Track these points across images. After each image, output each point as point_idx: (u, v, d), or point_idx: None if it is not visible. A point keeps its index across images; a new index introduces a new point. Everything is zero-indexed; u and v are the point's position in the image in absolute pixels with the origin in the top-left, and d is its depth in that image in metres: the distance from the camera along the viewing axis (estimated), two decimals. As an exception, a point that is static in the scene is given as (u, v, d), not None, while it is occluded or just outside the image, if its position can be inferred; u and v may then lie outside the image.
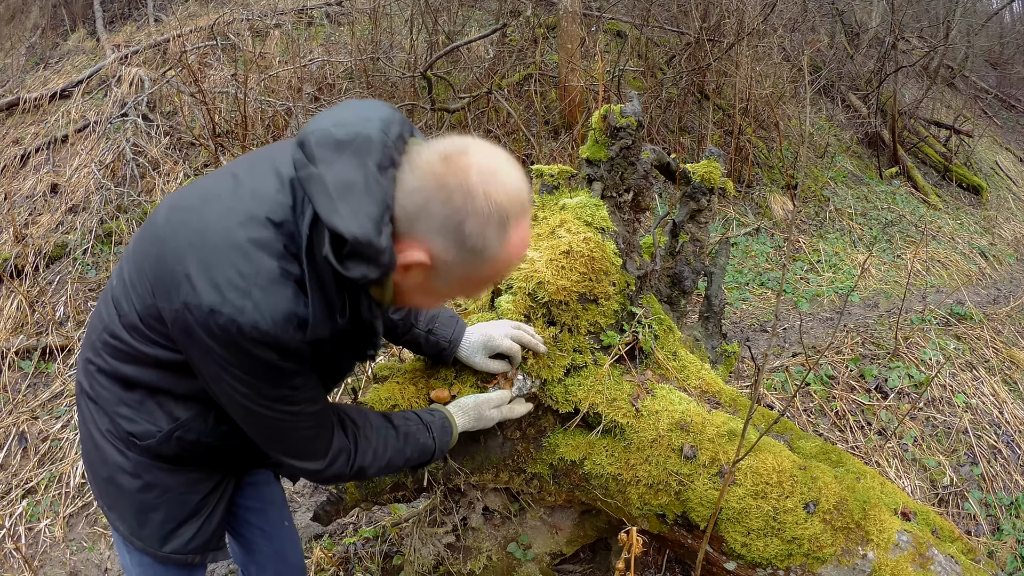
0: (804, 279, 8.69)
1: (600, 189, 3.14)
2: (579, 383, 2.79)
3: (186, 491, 2.20)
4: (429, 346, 2.62)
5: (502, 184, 1.66)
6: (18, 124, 10.04)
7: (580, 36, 10.04)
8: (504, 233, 1.68)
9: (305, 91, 9.57)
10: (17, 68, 12.08)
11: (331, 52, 10.83)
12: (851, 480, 2.75)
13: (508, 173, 1.69)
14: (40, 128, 9.73)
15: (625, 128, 3.09)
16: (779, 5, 11.87)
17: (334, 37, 11.96)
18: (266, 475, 2.67)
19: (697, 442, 2.72)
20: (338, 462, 2.10)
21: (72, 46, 12.58)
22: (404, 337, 2.61)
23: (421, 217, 1.67)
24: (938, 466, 4.98)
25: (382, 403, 2.68)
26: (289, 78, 9.65)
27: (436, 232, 1.67)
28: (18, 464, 5.12)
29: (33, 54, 12.66)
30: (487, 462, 2.86)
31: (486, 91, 9.35)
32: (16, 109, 10.27)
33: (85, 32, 13.05)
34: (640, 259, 3.20)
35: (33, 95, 10.38)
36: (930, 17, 19.47)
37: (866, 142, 13.84)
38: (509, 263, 1.77)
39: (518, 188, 1.70)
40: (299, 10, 12.70)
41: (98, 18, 13.30)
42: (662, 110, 10.72)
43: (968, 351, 6.26)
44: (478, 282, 1.82)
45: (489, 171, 1.65)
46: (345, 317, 1.81)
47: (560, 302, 2.75)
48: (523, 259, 2.08)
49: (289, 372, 1.82)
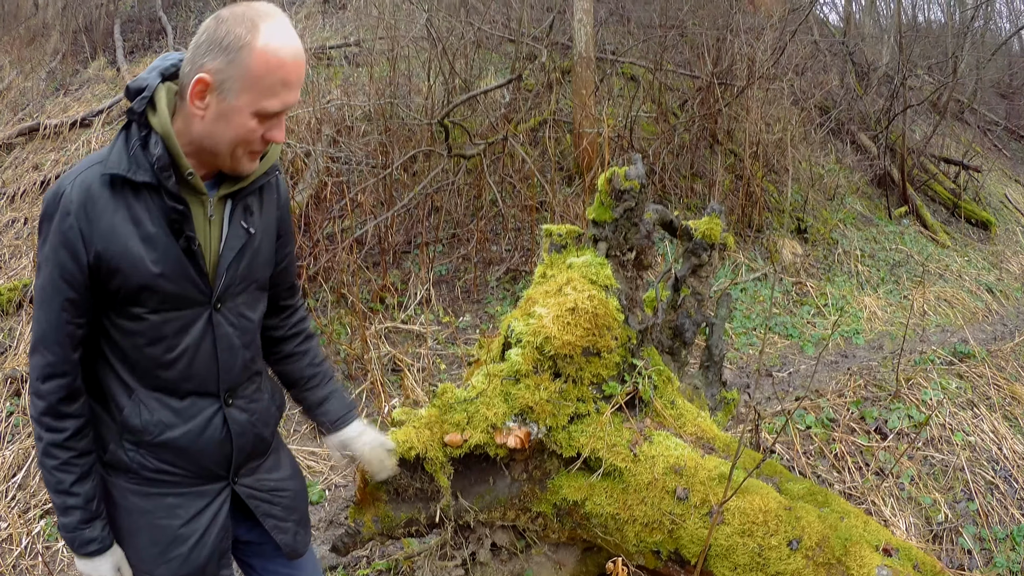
0: (811, 323, 8.77)
1: (605, 248, 3.36)
2: (582, 430, 3.01)
3: (164, 517, 2.29)
4: (319, 411, 2.75)
5: (252, 4, 2.04)
6: (38, 150, 10.21)
7: (594, 82, 10.10)
8: (254, 28, 1.98)
9: (324, 132, 9.57)
10: (37, 92, 12.18)
11: (349, 94, 10.86)
12: (835, 519, 2.94)
13: (262, 3, 2.07)
14: (60, 155, 9.90)
15: (629, 191, 3.32)
16: (789, 48, 12.05)
17: (352, 78, 11.99)
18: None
19: (690, 485, 2.93)
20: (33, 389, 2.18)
21: (92, 74, 12.73)
22: (284, 351, 2.69)
23: (196, 52, 2.03)
24: (933, 504, 5.05)
25: (399, 445, 2.90)
26: (308, 119, 9.69)
27: (205, 54, 2.01)
28: (37, 485, 5.19)
29: (53, 79, 12.78)
30: (495, 501, 3.08)
31: (502, 138, 9.40)
32: (36, 135, 10.40)
33: (105, 61, 13.23)
34: (642, 314, 3.42)
35: (53, 122, 10.52)
36: (939, 53, 19.54)
37: (875, 182, 13.88)
38: (271, 57, 2.01)
39: (267, 4, 2.06)
40: (318, 49, 12.80)
41: (118, 47, 13.47)
42: (674, 155, 10.81)
43: (970, 389, 6.33)
44: (254, 83, 2.02)
45: (242, 4, 2.04)
46: (136, 149, 2.07)
47: (565, 355, 2.99)
48: (295, 58, 2.04)
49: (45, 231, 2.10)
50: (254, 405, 2.44)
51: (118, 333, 2.17)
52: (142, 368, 2.20)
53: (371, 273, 8.00)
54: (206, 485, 2.36)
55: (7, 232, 8.51)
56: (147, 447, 2.23)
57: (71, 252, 2.04)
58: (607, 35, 14.22)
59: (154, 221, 2.08)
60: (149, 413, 2.21)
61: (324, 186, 8.69)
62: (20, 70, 13.09)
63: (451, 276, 8.52)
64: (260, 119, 2.07)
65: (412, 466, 3.01)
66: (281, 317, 2.65)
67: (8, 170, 9.87)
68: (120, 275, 2.07)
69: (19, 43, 14.21)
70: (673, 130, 10.99)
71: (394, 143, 9.25)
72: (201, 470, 2.33)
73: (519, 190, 9.40)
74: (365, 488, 3.08)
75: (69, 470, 2.17)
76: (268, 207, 2.38)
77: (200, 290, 2.20)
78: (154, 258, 2.09)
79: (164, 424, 2.22)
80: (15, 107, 11.69)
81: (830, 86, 14.93)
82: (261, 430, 2.47)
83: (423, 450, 2.92)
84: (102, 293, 2.10)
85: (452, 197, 9.25)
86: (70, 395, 2.15)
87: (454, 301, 8.12)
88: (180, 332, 2.19)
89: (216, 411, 2.31)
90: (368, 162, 9.09)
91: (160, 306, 2.14)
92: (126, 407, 2.20)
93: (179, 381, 2.23)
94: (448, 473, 3.01)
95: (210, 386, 2.29)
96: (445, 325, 7.57)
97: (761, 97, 11.03)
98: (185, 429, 2.25)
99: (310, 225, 8.00)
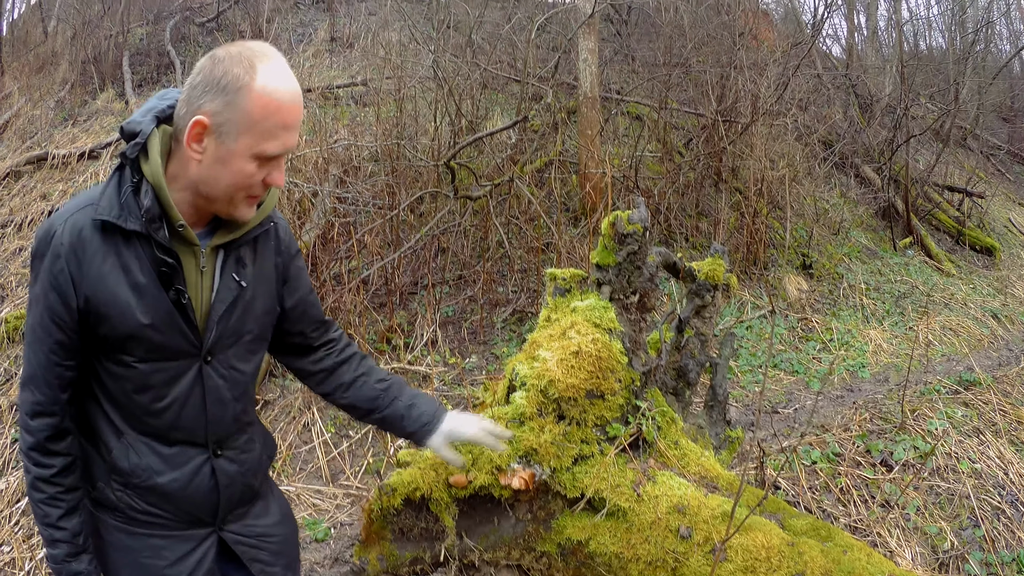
0: (816, 358, 8.79)
1: (608, 292, 3.43)
2: (586, 471, 3.07)
3: (149, 557, 2.27)
4: (409, 419, 2.66)
5: (247, 44, 2.05)
6: (46, 179, 10.20)
7: (599, 122, 10.19)
8: (252, 68, 1.98)
9: (331, 172, 9.54)
10: (45, 121, 12.18)
11: (356, 134, 10.90)
12: (837, 553, 2.98)
13: (257, 43, 2.07)
14: (68, 186, 9.91)
15: (632, 235, 3.39)
16: (792, 82, 12.12)
17: (359, 118, 12.05)
18: None
19: (693, 523, 2.98)
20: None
21: (100, 106, 12.75)
22: (332, 376, 2.64)
23: (192, 94, 2.02)
24: (939, 532, 5.04)
25: (405, 486, 2.97)
26: (316, 159, 9.64)
27: (202, 96, 2.00)
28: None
29: (62, 109, 12.80)
30: (500, 541, 3.13)
31: (508, 179, 9.44)
32: (44, 164, 10.41)
33: (114, 93, 13.24)
34: (645, 356, 3.48)
35: (62, 152, 10.53)
36: (940, 80, 19.60)
37: (880, 214, 13.98)
38: (270, 100, 2.00)
39: (262, 44, 2.06)
40: (325, 88, 12.89)
41: (127, 80, 13.51)
42: (679, 194, 10.87)
43: (975, 416, 6.32)
44: (253, 125, 2.01)
45: (238, 44, 2.04)
46: (127, 195, 2.05)
47: (569, 398, 3.05)
48: (294, 100, 2.06)
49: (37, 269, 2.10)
50: (244, 456, 2.42)
51: (108, 377, 2.16)
52: (131, 413, 2.19)
53: (377, 314, 8.03)
54: (192, 530, 2.35)
55: (14, 260, 8.54)
56: (135, 489, 2.23)
57: (60, 296, 2.04)
58: (612, 74, 14.35)
59: (144, 270, 2.07)
60: (138, 457, 2.21)
61: (331, 226, 8.70)
62: (29, 97, 13.12)
63: (457, 317, 8.54)
64: (260, 162, 2.06)
65: (417, 506, 3.06)
66: (322, 353, 2.62)
67: (16, 198, 9.88)
68: (108, 322, 2.06)
69: (28, 70, 14.28)
70: (678, 169, 11.07)
71: (401, 184, 9.24)
72: (187, 516, 2.32)
73: (525, 231, 9.43)
74: (371, 526, 3.13)
75: (56, 504, 2.17)
76: (264, 257, 2.35)
77: (189, 342, 2.18)
78: (143, 308, 2.07)
79: (152, 469, 2.22)
80: (23, 135, 11.73)
81: (833, 120, 15.00)
82: (250, 480, 2.45)
83: (428, 491, 2.98)
84: (91, 338, 2.10)
85: (459, 238, 9.29)
86: (58, 434, 2.15)
87: (460, 342, 8.15)
88: (169, 383, 2.18)
89: (204, 461, 2.30)
90: (375, 203, 9.13)
91: (148, 355, 2.13)
92: (115, 449, 2.20)
93: (168, 429, 2.22)
94: (453, 513, 3.06)
95: (198, 437, 2.28)
96: (451, 366, 7.59)
97: (765, 133, 11.08)
98: (173, 476, 2.25)
99: (317, 265, 8.01)
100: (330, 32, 16.53)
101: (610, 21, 17.00)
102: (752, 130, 10.98)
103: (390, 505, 3.04)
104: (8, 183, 10.18)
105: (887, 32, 23.05)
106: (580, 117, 10.29)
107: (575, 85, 11.33)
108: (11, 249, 8.74)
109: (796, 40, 14.79)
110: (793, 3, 23.30)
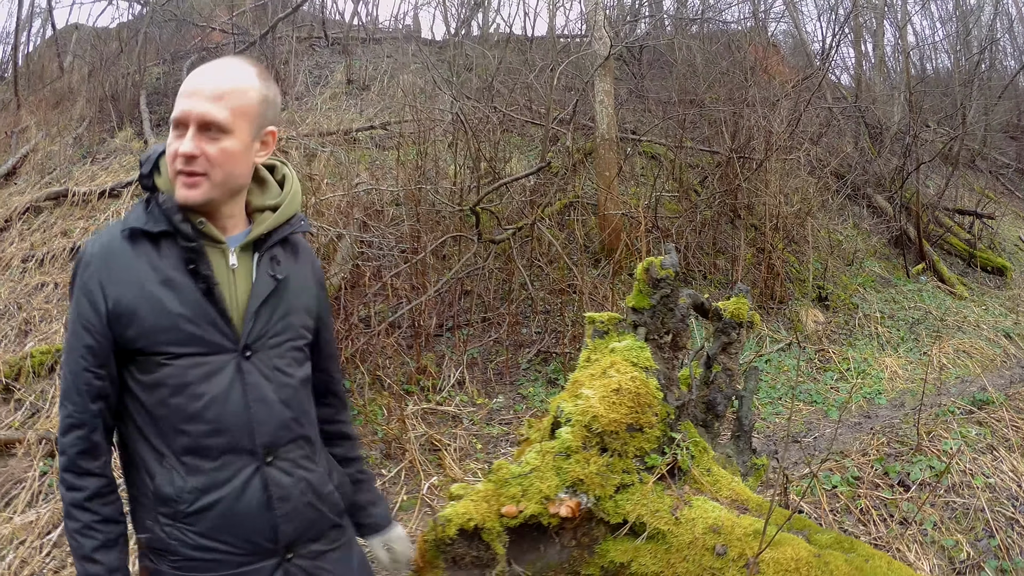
0: (834, 388, 8.95)
1: (644, 333, 3.70)
2: (627, 498, 3.33)
3: None
4: (366, 513, 2.81)
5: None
6: (66, 216, 10.31)
7: (617, 163, 10.36)
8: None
9: (355, 216, 9.56)
10: (64, 157, 12.28)
11: (377, 177, 11.00)
12: (860, 562, 3.20)
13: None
14: (89, 223, 10.01)
15: (665, 279, 3.67)
16: (804, 116, 12.34)
17: (379, 161, 12.14)
18: None
19: (727, 541, 3.23)
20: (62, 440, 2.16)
21: (119, 144, 12.87)
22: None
23: None
24: (956, 545, 5.18)
25: (459, 517, 3.20)
26: (338, 202, 9.68)
27: None
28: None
29: (80, 145, 12.88)
30: (547, 566, 3.37)
31: (529, 223, 9.58)
32: (65, 200, 10.50)
33: (132, 132, 13.35)
34: (679, 391, 3.75)
35: (82, 189, 10.65)
36: (948, 104, 19.63)
37: (893, 242, 14.10)
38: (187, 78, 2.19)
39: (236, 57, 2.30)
40: (345, 132, 12.99)
41: (145, 119, 13.60)
42: (697, 233, 10.99)
43: (989, 434, 6.46)
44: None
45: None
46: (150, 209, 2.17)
47: (611, 432, 3.32)
48: (201, 73, 2.20)
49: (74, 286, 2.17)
50: (302, 471, 2.28)
51: (142, 390, 2.11)
52: (170, 425, 2.11)
53: (405, 355, 8.14)
54: (255, 564, 2.19)
55: (36, 295, 8.54)
56: (183, 519, 2.10)
57: (90, 300, 2.08)
58: (626, 114, 14.41)
59: (174, 267, 2.11)
60: (182, 479, 2.10)
61: (358, 271, 8.81)
62: (46, 132, 13.19)
63: (483, 358, 8.66)
64: (176, 133, 2.13)
65: (470, 536, 3.28)
66: (329, 410, 2.63)
67: (37, 233, 9.94)
68: (138, 319, 2.07)
69: (44, 105, 14.35)
70: (695, 207, 11.19)
71: (424, 227, 9.37)
72: (245, 545, 2.16)
73: (547, 273, 9.56)
74: (424, 556, 3.34)
75: (91, 535, 2.08)
76: (301, 261, 2.41)
77: (224, 334, 2.15)
78: (174, 300, 2.09)
79: (198, 490, 2.10)
80: (42, 170, 11.83)
81: (845, 152, 15.13)
82: (314, 501, 2.31)
83: (481, 521, 3.21)
84: (122, 342, 2.10)
85: (483, 281, 9.41)
86: (90, 449, 2.11)
87: (487, 383, 8.29)
88: (205, 379, 2.11)
89: (254, 471, 2.17)
90: (400, 247, 9.27)
91: (183, 350, 2.10)
92: (157, 474, 2.11)
93: (209, 435, 2.12)
94: (504, 541, 3.27)
95: (244, 441, 2.16)
96: (479, 406, 7.73)
97: (779, 169, 11.24)
98: (221, 494, 2.12)
99: (345, 308, 8.01)
100: (347, 74, 16.66)
101: (624, 61, 17.12)
102: (766, 166, 11.13)
103: (444, 535, 3.20)
104: (28, 218, 10.25)
105: (894, 58, 23.24)
106: (597, 159, 10.46)
107: (591, 126, 11.46)
108: (33, 284, 8.78)
109: (806, 72, 14.97)
110: (802, 35, 23.51)
